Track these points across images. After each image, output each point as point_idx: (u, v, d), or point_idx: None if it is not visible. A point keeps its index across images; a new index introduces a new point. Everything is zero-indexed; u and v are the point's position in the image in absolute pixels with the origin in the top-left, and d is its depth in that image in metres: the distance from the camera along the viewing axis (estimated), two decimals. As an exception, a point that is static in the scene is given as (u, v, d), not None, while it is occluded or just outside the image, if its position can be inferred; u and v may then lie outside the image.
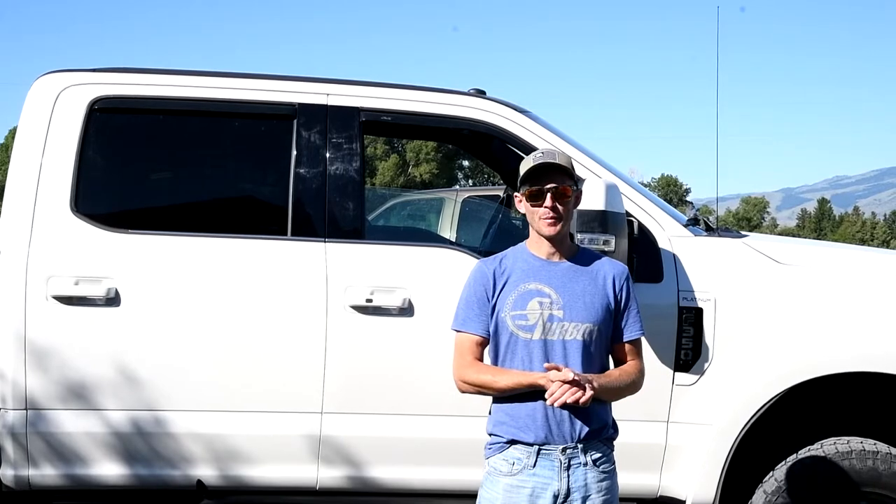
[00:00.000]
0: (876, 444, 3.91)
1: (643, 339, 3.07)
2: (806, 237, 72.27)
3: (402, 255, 3.98)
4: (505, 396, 2.89)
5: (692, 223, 4.06)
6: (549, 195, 2.89)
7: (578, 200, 3.04)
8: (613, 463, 2.95)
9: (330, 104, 4.00)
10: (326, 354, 3.79)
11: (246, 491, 3.91)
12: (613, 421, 2.98)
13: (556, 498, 2.82)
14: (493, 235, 5.14)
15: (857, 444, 3.89)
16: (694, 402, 3.85)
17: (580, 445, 2.84)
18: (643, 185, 5.33)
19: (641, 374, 3.01)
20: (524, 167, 2.97)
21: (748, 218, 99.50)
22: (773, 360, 3.84)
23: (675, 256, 3.89)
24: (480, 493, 2.96)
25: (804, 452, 3.92)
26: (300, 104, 3.99)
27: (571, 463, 2.83)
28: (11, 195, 3.87)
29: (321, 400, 3.80)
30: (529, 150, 3.67)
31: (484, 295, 2.94)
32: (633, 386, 2.98)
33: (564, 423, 2.83)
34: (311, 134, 3.97)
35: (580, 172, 3.55)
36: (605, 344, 2.96)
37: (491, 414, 2.97)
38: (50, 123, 3.89)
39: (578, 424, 2.84)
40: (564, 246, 2.98)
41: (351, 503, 4.02)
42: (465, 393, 2.98)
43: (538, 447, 2.84)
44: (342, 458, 3.84)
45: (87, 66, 4.05)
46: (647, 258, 3.84)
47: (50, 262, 3.77)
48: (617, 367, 3.01)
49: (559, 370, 2.76)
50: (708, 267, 3.91)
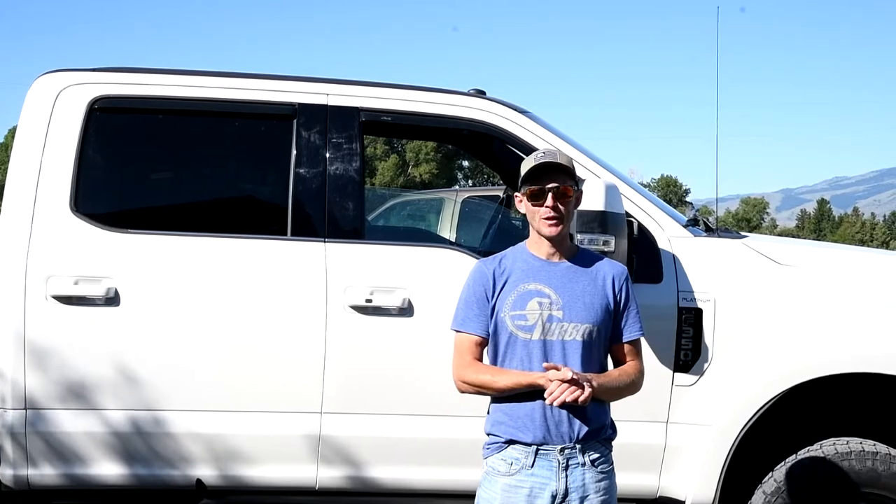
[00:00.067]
0: (875, 444, 3.91)
1: (643, 339, 3.07)
2: (805, 238, 72.30)
3: (401, 255, 3.98)
4: (504, 396, 2.89)
5: (692, 224, 4.07)
6: (550, 195, 2.89)
7: (579, 201, 3.04)
8: (612, 463, 2.95)
9: (330, 104, 4.00)
10: (326, 354, 3.79)
11: (245, 491, 3.91)
12: (612, 421, 2.98)
13: (553, 498, 2.82)
14: (492, 236, 5.14)
15: (856, 444, 3.89)
16: (693, 402, 3.85)
17: (578, 446, 2.84)
18: (643, 185, 5.33)
19: (641, 374, 3.01)
20: (525, 167, 2.97)
21: (748, 219, 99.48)
22: (772, 360, 3.84)
23: (674, 257, 3.89)
24: (478, 492, 2.95)
25: (804, 453, 3.92)
26: (300, 104, 3.99)
27: (569, 463, 2.83)
28: (11, 195, 3.87)
29: (321, 400, 3.80)
30: (529, 150, 3.67)
31: (483, 295, 2.94)
32: (632, 386, 2.98)
33: (563, 423, 2.83)
34: (310, 134, 3.97)
35: (580, 172, 3.55)
36: (604, 344, 2.96)
37: (489, 414, 2.97)
38: (50, 123, 3.89)
39: (577, 425, 2.84)
40: (564, 246, 2.98)
41: (350, 503, 4.02)
42: (464, 393, 2.98)
43: (536, 447, 2.83)
44: (342, 458, 3.84)
45: (87, 66, 4.05)
46: (646, 259, 3.84)
47: (49, 261, 3.77)
48: (616, 367, 3.01)
49: (558, 370, 2.76)
50: (707, 267, 3.91)
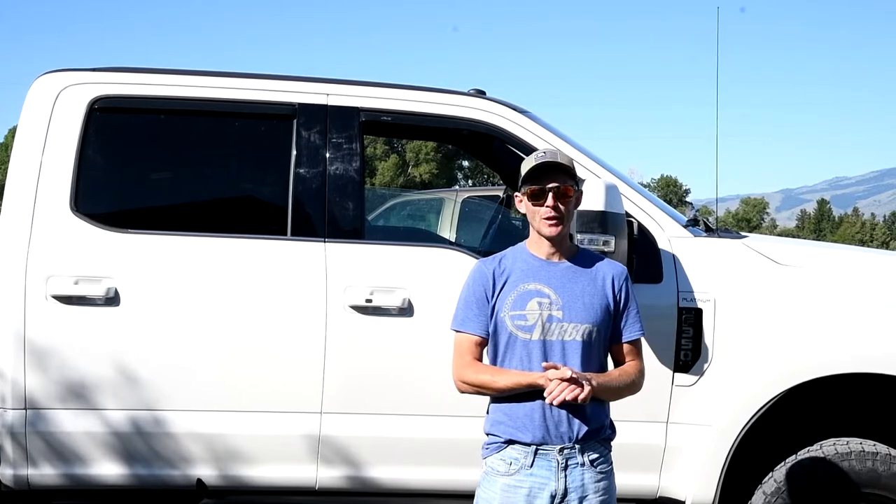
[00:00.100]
0: (875, 445, 3.91)
1: (643, 339, 3.07)
2: (805, 238, 72.27)
3: (401, 255, 3.98)
4: (503, 396, 2.89)
5: (692, 224, 4.06)
6: (550, 195, 2.89)
7: (579, 201, 3.04)
8: (611, 463, 2.94)
9: (330, 104, 4.00)
10: (326, 354, 3.79)
11: (245, 491, 3.91)
12: (611, 422, 2.98)
13: (553, 498, 2.81)
14: (492, 236, 5.13)
15: (856, 445, 3.89)
16: (693, 402, 3.85)
17: (577, 446, 2.84)
18: (643, 185, 5.33)
19: (641, 374, 3.01)
20: (526, 166, 2.97)
21: (748, 219, 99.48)
22: (772, 360, 3.84)
23: (674, 257, 3.89)
24: (478, 492, 2.95)
25: (804, 453, 3.92)
26: (300, 104, 3.99)
27: (569, 463, 2.83)
28: (11, 194, 3.87)
29: (321, 400, 3.80)
30: (529, 150, 3.67)
31: (483, 295, 2.94)
32: (632, 386, 2.98)
33: (562, 423, 2.83)
34: (310, 134, 3.97)
35: (580, 172, 3.55)
36: (604, 345, 2.96)
37: (489, 414, 2.97)
38: (50, 123, 3.89)
39: (576, 425, 2.83)
40: (564, 246, 2.98)
41: (350, 503, 4.02)
42: (464, 393, 2.98)
43: (535, 447, 2.83)
44: (341, 458, 3.84)
45: (87, 66, 4.04)
46: (646, 259, 3.84)
47: (49, 261, 3.77)
48: (616, 367, 3.01)
49: (557, 369, 2.76)
50: (707, 268, 3.91)
